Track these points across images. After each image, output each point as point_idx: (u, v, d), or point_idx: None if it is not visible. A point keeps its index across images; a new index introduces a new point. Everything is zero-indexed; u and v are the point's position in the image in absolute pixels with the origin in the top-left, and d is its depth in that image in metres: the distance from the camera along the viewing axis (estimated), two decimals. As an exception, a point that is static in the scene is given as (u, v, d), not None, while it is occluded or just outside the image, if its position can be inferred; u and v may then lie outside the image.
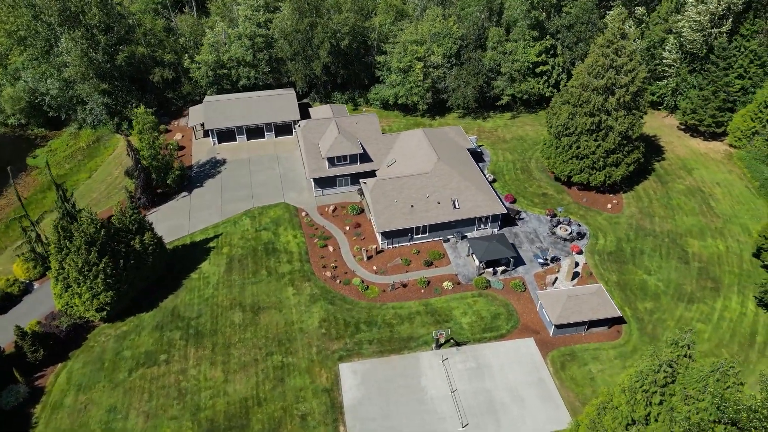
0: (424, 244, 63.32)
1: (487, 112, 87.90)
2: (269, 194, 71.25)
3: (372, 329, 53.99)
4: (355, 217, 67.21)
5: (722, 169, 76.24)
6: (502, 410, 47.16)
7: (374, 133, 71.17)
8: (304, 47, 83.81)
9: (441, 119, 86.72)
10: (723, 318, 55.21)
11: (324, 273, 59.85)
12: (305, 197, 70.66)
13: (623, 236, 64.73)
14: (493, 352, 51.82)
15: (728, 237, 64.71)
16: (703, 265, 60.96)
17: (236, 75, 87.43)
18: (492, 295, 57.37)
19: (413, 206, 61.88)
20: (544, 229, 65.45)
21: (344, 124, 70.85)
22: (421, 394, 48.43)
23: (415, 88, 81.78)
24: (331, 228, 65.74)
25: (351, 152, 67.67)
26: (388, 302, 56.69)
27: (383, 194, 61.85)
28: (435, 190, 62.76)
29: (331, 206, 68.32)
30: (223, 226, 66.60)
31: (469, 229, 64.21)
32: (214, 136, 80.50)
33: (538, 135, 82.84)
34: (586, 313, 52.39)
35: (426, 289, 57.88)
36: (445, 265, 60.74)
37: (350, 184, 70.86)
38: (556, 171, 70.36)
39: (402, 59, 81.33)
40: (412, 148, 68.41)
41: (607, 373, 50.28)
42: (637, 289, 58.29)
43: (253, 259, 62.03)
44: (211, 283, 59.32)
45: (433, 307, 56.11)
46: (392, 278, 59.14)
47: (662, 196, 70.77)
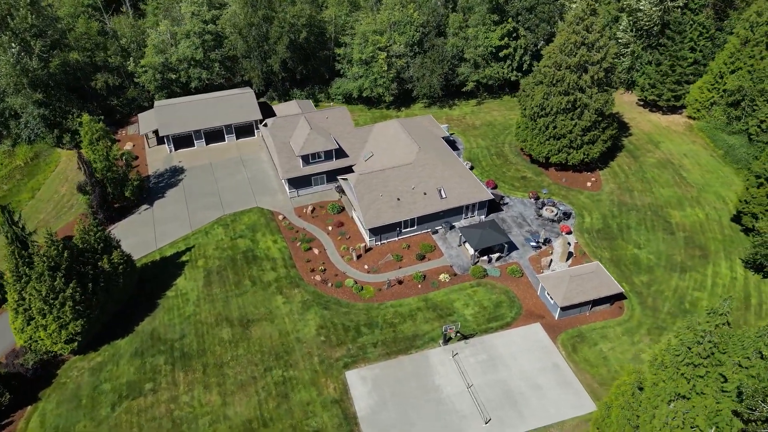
0: (413, 238, 60.85)
1: (452, 100, 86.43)
2: (240, 200, 66.71)
3: (374, 331, 50.99)
4: (337, 216, 63.87)
5: (686, 140, 78.01)
6: (522, 401, 45.40)
7: (347, 127, 68.00)
8: (259, 43, 79.41)
9: (407, 110, 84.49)
10: (716, 284, 55.84)
11: (313, 277, 56.25)
12: (279, 200, 66.62)
13: (607, 213, 64.68)
14: (502, 342, 50.03)
15: (705, 205, 65.91)
16: (687, 235, 61.68)
17: (186, 77, 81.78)
18: (491, 284, 55.64)
19: (400, 199, 59.26)
20: (530, 212, 64.46)
21: (315, 119, 67.27)
22: (436, 393, 45.95)
23: (379, 79, 79.13)
24: (312, 230, 62.11)
25: (325, 148, 64.24)
26: (386, 301, 53.85)
27: (368, 189, 58.88)
28: (420, 181, 60.40)
29: (309, 207, 64.65)
30: (194, 238, 61.62)
31: (456, 219, 62.27)
32: (169, 142, 74.85)
33: (506, 120, 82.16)
34: (589, 292, 51.52)
35: (423, 284, 55.43)
36: (438, 258, 58.50)
37: (326, 182, 67.40)
38: (533, 153, 69.60)
39: (363, 50, 78.52)
40: (389, 140, 65.75)
41: (618, 350, 49.55)
42: (631, 263, 58.16)
43: (233, 269, 57.58)
44: (190, 300, 54.48)
45: (434, 302, 53.75)
46: (386, 276, 56.32)
47: (636, 171, 71.45)
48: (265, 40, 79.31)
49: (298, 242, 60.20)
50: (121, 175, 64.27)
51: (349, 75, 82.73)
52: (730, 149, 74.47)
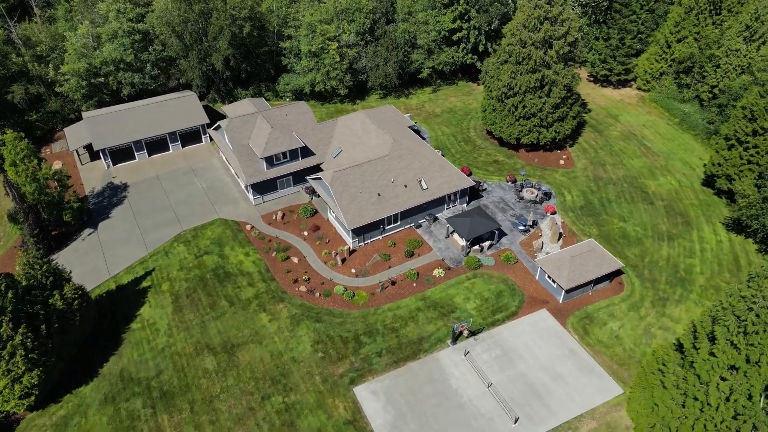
0: (397, 234, 56.96)
1: (407, 89, 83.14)
2: (198, 212, 60.18)
3: (375, 339, 46.71)
4: (310, 219, 58.86)
5: (641, 111, 78.82)
6: (547, 393, 42.72)
7: (309, 123, 63.00)
8: (197, 40, 72.60)
9: (363, 102, 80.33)
10: (705, 249, 55.78)
11: (297, 289, 51.12)
12: (243, 208, 60.67)
13: (586, 189, 63.61)
14: (512, 333, 47.21)
15: (675, 173, 66.33)
16: (666, 203, 61.59)
17: (116, 82, 73.50)
18: (487, 274, 52.75)
19: (380, 194, 55.16)
20: (510, 196, 62.24)
21: (274, 117, 61.78)
22: (456, 398, 42.39)
23: (332, 71, 74.46)
24: (286, 237, 56.78)
25: (290, 147, 58.99)
26: (382, 305, 49.68)
27: (345, 186, 54.35)
28: (399, 173, 56.56)
29: (278, 213, 59.20)
30: (153, 260, 54.69)
31: (439, 210, 58.99)
32: (106, 157, 66.78)
33: (466, 105, 79.89)
34: (591, 270, 49.73)
35: (417, 282, 51.70)
36: (427, 253, 54.94)
37: (293, 185, 62.13)
38: (503, 135, 67.49)
39: (312, 41, 73.60)
40: (358, 133, 61.43)
41: (628, 327, 48.01)
42: (620, 237, 57.14)
43: (205, 290, 51.39)
44: (161, 330, 47.90)
45: (432, 300, 50.15)
46: (376, 278, 52.12)
47: (604, 145, 71.10)
48: (203, 37, 72.57)
49: (274, 252, 54.75)
50: (55, 197, 56.12)
51: (298, 69, 77.51)
52: (685, 117, 75.78)
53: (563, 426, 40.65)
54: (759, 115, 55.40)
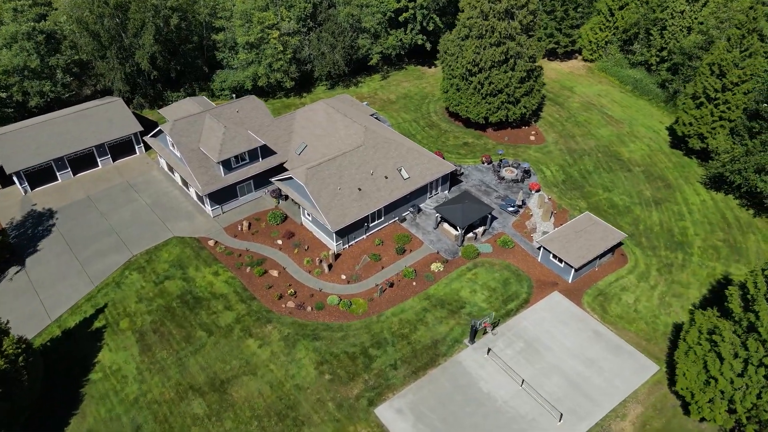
0: (383, 231, 51.76)
1: (355, 77, 77.74)
2: (148, 233, 51.88)
3: (386, 350, 41.39)
4: (281, 226, 52.31)
5: (593, 82, 78.21)
6: (584, 382, 39.34)
7: (265, 119, 56.20)
8: (115, 37, 63.37)
9: (310, 95, 74.05)
10: (692, 211, 54.94)
11: (284, 305, 44.71)
12: (201, 222, 53.02)
13: (563, 162, 61.35)
14: (530, 322, 43.51)
15: (642, 137, 65.68)
16: (643, 168, 60.54)
17: (21, 93, 62.74)
18: (487, 262, 48.79)
19: (361, 189, 49.70)
20: (490, 178, 58.74)
21: (224, 115, 54.47)
22: (491, 402, 38.02)
23: (275, 63, 67.68)
24: (258, 249, 49.97)
25: (249, 147, 52.07)
26: (384, 310, 44.39)
27: (322, 184, 48.39)
28: (377, 164, 51.35)
29: (243, 223, 52.14)
30: (102, 295, 46.15)
31: (422, 200, 54.39)
32: (22, 180, 56.50)
33: (420, 89, 75.75)
34: (597, 245, 47.07)
35: (417, 280, 46.83)
36: (419, 247, 50.16)
37: (255, 189, 55.18)
38: (470, 115, 63.90)
39: (249, 31, 66.48)
40: (322, 124, 55.47)
41: (644, 300, 45.75)
42: (609, 207, 55.17)
43: (174, 321, 43.77)
44: (129, 377, 39.96)
45: (437, 297, 45.49)
46: (371, 281, 46.73)
47: (568, 117, 69.43)
48: (123, 33, 63.45)
49: (247, 267, 47.85)
50: (-33, 234, 46.17)
51: (236, 64, 70.00)
52: (636, 83, 75.82)
53: (610, 416, 37.37)
54: (728, 70, 55.14)
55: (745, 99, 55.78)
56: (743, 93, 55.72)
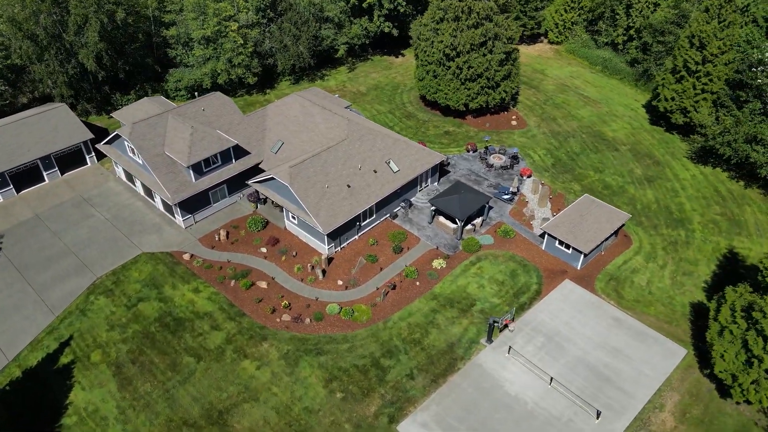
0: (375, 230, 47.99)
1: (319, 71, 73.39)
2: (111, 251, 46.13)
3: (399, 359, 37.71)
4: (263, 232, 47.67)
5: (563, 64, 76.91)
6: (614, 374, 36.92)
7: (234, 117, 51.29)
8: (55, 37, 56.73)
9: (274, 91, 69.25)
10: (685, 186, 53.89)
11: (279, 319, 40.27)
12: (171, 234, 47.67)
13: (549, 146, 59.29)
14: (546, 314, 40.83)
15: (622, 116, 64.56)
16: (629, 147, 59.25)
17: (-53, 105, 55.38)
18: (491, 254, 45.86)
19: (350, 186, 45.75)
20: (477, 166, 55.92)
21: (188, 114, 49.26)
22: (521, 405, 34.99)
23: (236, 57, 62.56)
24: (241, 259, 45.20)
25: (222, 148, 47.17)
26: (390, 315, 40.66)
27: (308, 183, 44.14)
28: (365, 158, 47.52)
29: (219, 232, 47.16)
30: (66, 325, 40.34)
31: (412, 194, 50.95)
32: (-43, 202, 49.48)
33: (390, 80, 72.26)
34: (604, 227, 44.94)
35: (420, 280, 43.34)
36: (416, 245, 46.68)
37: (229, 194, 50.23)
38: (450, 102, 60.93)
39: (205, 25, 61.13)
40: (299, 119, 51.09)
41: (656, 280, 43.95)
42: (603, 189, 53.39)
43: (156, 348, 38.60)
44: (110, 418, 34.65)
45: (444, 296, 42.16)
46: (371, 285, 42.91)
47: (545, 100, 67.60)
48: (63, 32, 56.88)
49: (232, 281, 43.05)
50: None
51: (192, 61, 64.41)
52: (605, 63, 74.99)
53: (647, 407, 35.06)
54: (708, 41, 54.33)
55: (726, 70, 55.21)
56: (724, 64, 55.10)
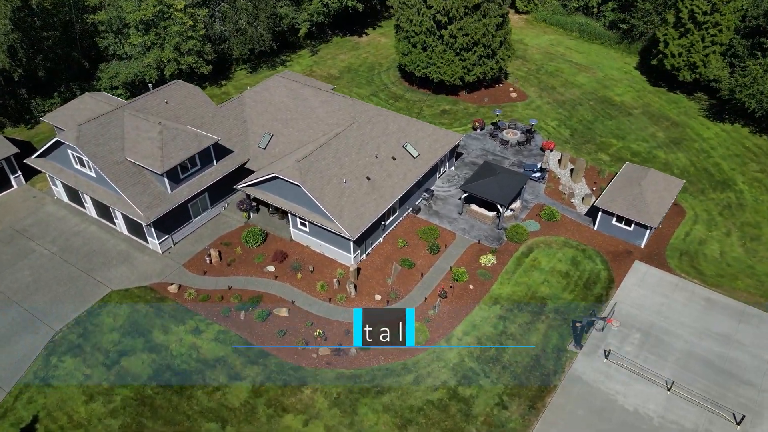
0: (400, 229, 39.94)
1: (278, 56, 63.83)
2: (67, 295, 35.11)
3: (480, 385, 30.07)
4: (264, 247, 38.29)
5: (538, 32, 71.80)
6: (733, 365, 31.19)
7: (205, 109, 41.35)
8: (-51, 28, 44.08)
9: (231, 82, 59.05)
10: (713, 146, 49.74)
11: (315, 354, 31.42)
12: (146, 263, 37.22)
13: (559, 116, 53.55)
14: (631, 306, 34.57)
15: (620, 80, 60.03)
16: (641, 110, 54.68)
17: None
18: (541, 242, 39.14)
19: (370, 178, 37.39)
20: (491, 144, 49.13)
21: (149, 108, 38.87)
22: (647, 423, 28.40)
23: (185, 43, 51.99)
24: (245, 284, 35.70)
25: (201, 147, 37.31)
26: (452, 330, 32.87)
27: (322, 179, 35.37)
28: (379, 143, 39.33)
29: (209, 252, 37.27)
30: (25, 403, 29.47)
31: (431, 182, 43.30)
32: None
33: (362, 60, 64.05)
34: (664, 197, 39.39)
35: (472, 282, 35.82)
36: (452, 241, 39.11)
37: (211, 205, 40.31)
38: (444, 77, 53.67)
39: (143, 5, 50.14)
40: (288, 105, 41.94)
41: (727, 248, 39.19)
42: (632, 156, 48.20)
43: (159, 418, 28.69)
44: None
45: (507, 298, 34.91)
46: (415, 296, 34.88)
47: (537, 69, 61.92)
48: (-40, 21, 44.30)
49: (241, 312, 33.54)
50: None
51: (129, 51, 53.09)
52: (582, 28, 70.64)
53: (785, 400, 29.55)
54: (718, -12, 50.42)
55: (734, 18, 51.65)
56: (732, 12, 51.48)
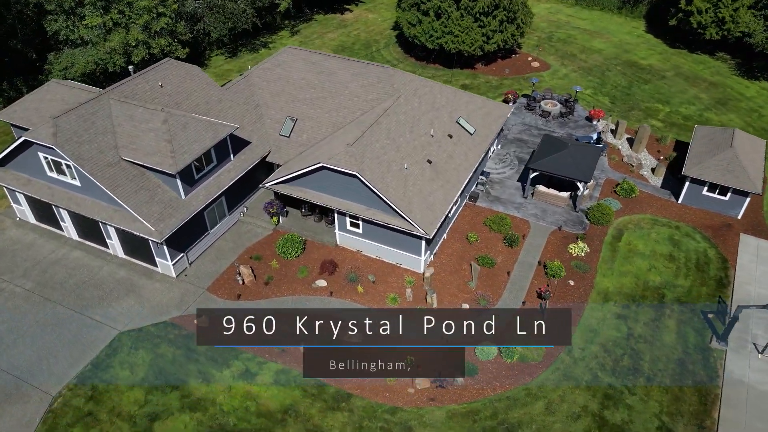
0: (461, 221, 33.36)
1: (257, 38, 55.57)
2: (59, 347, 26.34)
3: (629, 406, 24.03)
4: (306, 257, 30.71)
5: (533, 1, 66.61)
6: None
7: (209, 92, 33.10)
8: None
9: (208, 70, 50.26)
10: (761, 105, 45.90)
11: (412, 387, 24.38)
12: (157, 292, 28.82)
13: (591, 84, 48.48)
14: (762, 286, 29.48)
15: (637, 45, 55.63)
16: (673, 72, 50.43)
17: None
18: (629, 222, 33.63)
19: (431, 161, 30.55)
20: (530, 118, 43.29)
21: (138, 94, 30.34)
22: (836, 428, 23.18)
23: (155, 22, 43.08)
24: (295, 304, 28.09)
25: (217, 139, 29.24)
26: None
27: (381, 167, 28.25)
28: (432, 119, 32.55)
29: (239, 270, 29.30)
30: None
31: (483, 163, 36.82)
32: None
33: (353, 38, 56.89)
34: (755, 159, 34.75)
35: (571, 276, 29.73)
36: (527, 229, 32.93)
37: (228, 211, 32.23)
38: (463, 47, 47.39)
39: (102, -22, 41.02)
40: (311, 81, 34.32)
41: (826, 213, 34.85)
42: (684, 120, 43.68)
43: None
44: None
45: (618, 292, 29.13)
46: (508, 300, 28.42)
47: (549, 37, 56.72)
48: None
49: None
50: None
51: (85, 34, 43.48)
52: (576, -6, 66.30)
53: None
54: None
55: (763, -33, 48.24)
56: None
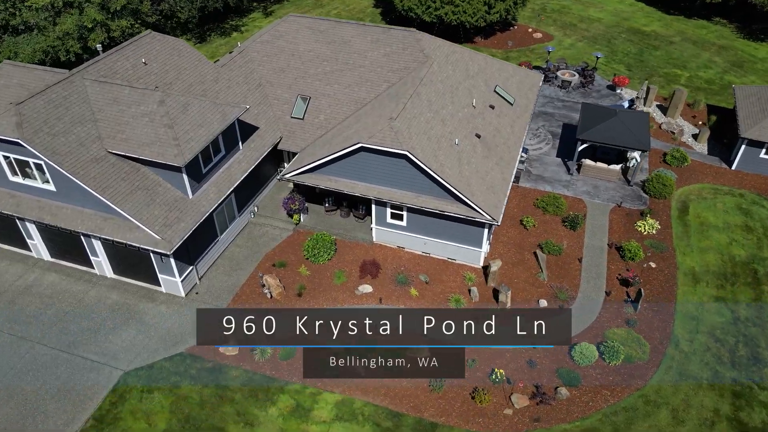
0: (510, 204, 29.01)
1: (226, 21, 49.64)
2: (46, 394, 20.35)
3: (764, 397, 20.29)
4: (339, 258, 25.62)
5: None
6: None
7: (203, 69, 27.40)
8: None
9: (179, 55, 44.06)
10: (776, 64, 44.06)
11: (510, 409, 19.86)
12: (164, 316, 23.08)
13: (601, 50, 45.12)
14: (841, 253, 26.62)
15: (633, 12, 53.12)
16: (680, 38, 47.95)
17: None
18: (690, 193, 30.29)
19: (480, 136, 26.06)
20: (550, 90, 39.53)
21: (120, 73, 24.46)
22: None
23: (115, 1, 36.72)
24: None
25: (225, 124, 23.71)
26: (670, 330, 22.68)
27: (430, 143, 23.54)
28: (470, 88, 28.07)
29: (265, 281, 23.92)
30: None
31: (520, 139, 32.68)
32: None
33: (333, 17, 51.59)
34: (806, 117, 32.11)
35: (652, 259, 25.91)
36: (582, 209, 29.00)
37: (239, 213, 26.71)
38: (465, 18, 43.20)
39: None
40: (322, 53, 29.18)
41: None
42: (708, 85, 41.06)
43: None
44: None
45: (705, 270, 25.52)
46: (588, 292, 24.31)
47: (552, 12, 53.21)
48: None
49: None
50: None
51: (31, 18, 36.64)
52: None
53: None
54: None
55: None
56: None
